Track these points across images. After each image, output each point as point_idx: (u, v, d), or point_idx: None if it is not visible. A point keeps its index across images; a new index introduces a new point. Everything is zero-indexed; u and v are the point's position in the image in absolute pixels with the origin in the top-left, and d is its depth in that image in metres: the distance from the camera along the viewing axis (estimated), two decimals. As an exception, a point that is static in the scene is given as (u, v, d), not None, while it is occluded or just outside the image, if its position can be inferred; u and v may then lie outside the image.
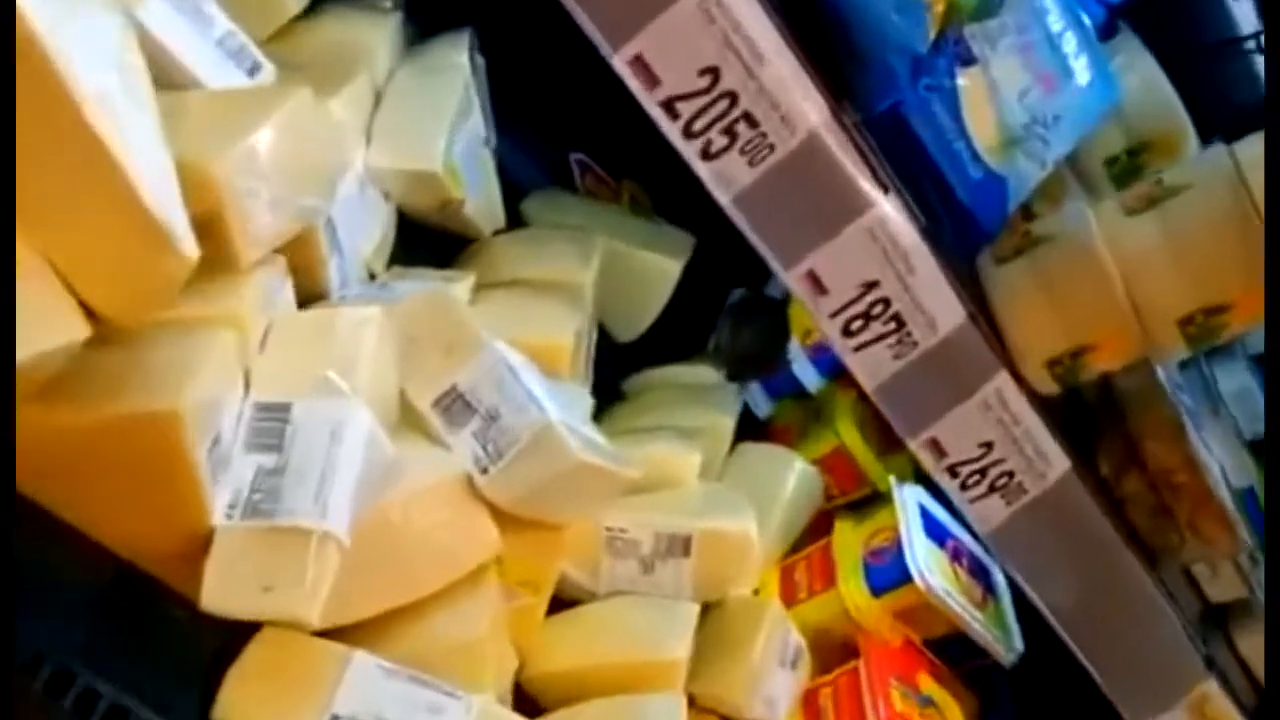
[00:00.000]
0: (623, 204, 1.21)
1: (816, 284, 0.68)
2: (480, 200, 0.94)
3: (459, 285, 0.85)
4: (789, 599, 0.99)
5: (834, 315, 0.69)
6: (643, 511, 0.89)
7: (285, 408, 0.63)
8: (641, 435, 0.97)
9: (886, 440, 1.19)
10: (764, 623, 0.88)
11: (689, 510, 0.91)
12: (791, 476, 1.03)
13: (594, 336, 1.03)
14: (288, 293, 0.69)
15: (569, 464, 0.69)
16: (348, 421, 0.63)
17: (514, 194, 1.08)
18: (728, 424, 1.02)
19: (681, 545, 0.88)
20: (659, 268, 1.08)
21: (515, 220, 1.05)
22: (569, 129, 1.19)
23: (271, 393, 0.64)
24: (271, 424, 0.63)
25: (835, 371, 1.19)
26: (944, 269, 0.71)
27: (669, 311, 1.14)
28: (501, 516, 0.71)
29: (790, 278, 0.68)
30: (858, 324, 0.70)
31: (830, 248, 0.67)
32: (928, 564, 0.94)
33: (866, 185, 0.67)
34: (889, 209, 0.68)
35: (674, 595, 0.88)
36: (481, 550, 0.69)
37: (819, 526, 1.09)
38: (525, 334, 0.83)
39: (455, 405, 0.70)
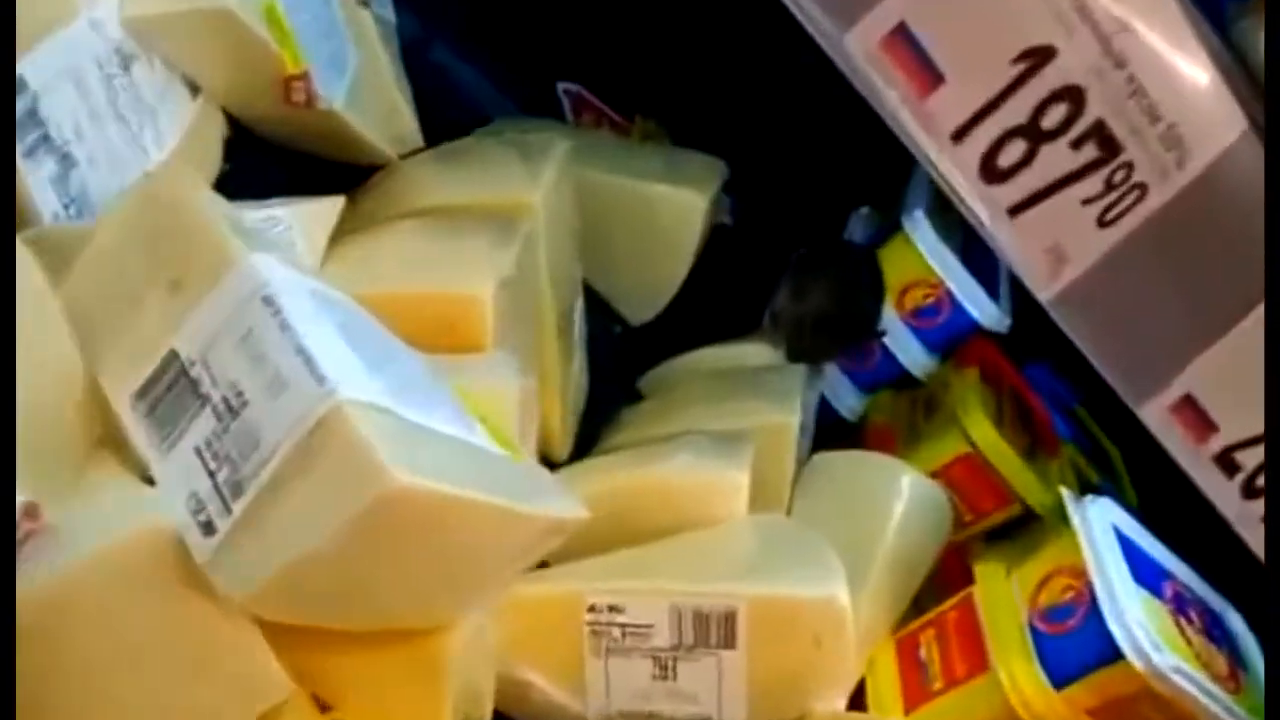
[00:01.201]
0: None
1: (913, 58, 0.29)
2: (362, 97, 0.56)
3: (310, 206, 0.48)
4: (914, 696, 0.59)
5: (960, 135, 0.30)
6: (651, 573, 0.51)
7: None
8: (653, 448, 0.58)
9: (1030, 437, 0.79)
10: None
11: (732, 565, 0.51)
12: (900, 496, 0.62)
13: (579, 307, 0.65)
14: None
15: (379, 492, 0.29)
16: None
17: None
18: (789, 424, 0.62)
19: (721, 628, 0.49)
20: (677, 205, 0.70)
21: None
22: (556, 52, 0.82)
23: None
24: None
25: (949, 345, 0.79)
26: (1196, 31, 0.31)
27: (703, 281, 0.76)
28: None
29: (853, 42, 0.29)
30: (1016, 152, 0.30)
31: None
32: (1146, 629, 0.53)
33: None
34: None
35: (714, 718, 0.49)
36: (242, 698, 0.31)
37: (950, 572, 0.69)
38: (409, 283, 0.46)
39: (172, 391, 0.31)
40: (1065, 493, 0.60)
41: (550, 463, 0.61)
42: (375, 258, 0.48)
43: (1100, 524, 0.58)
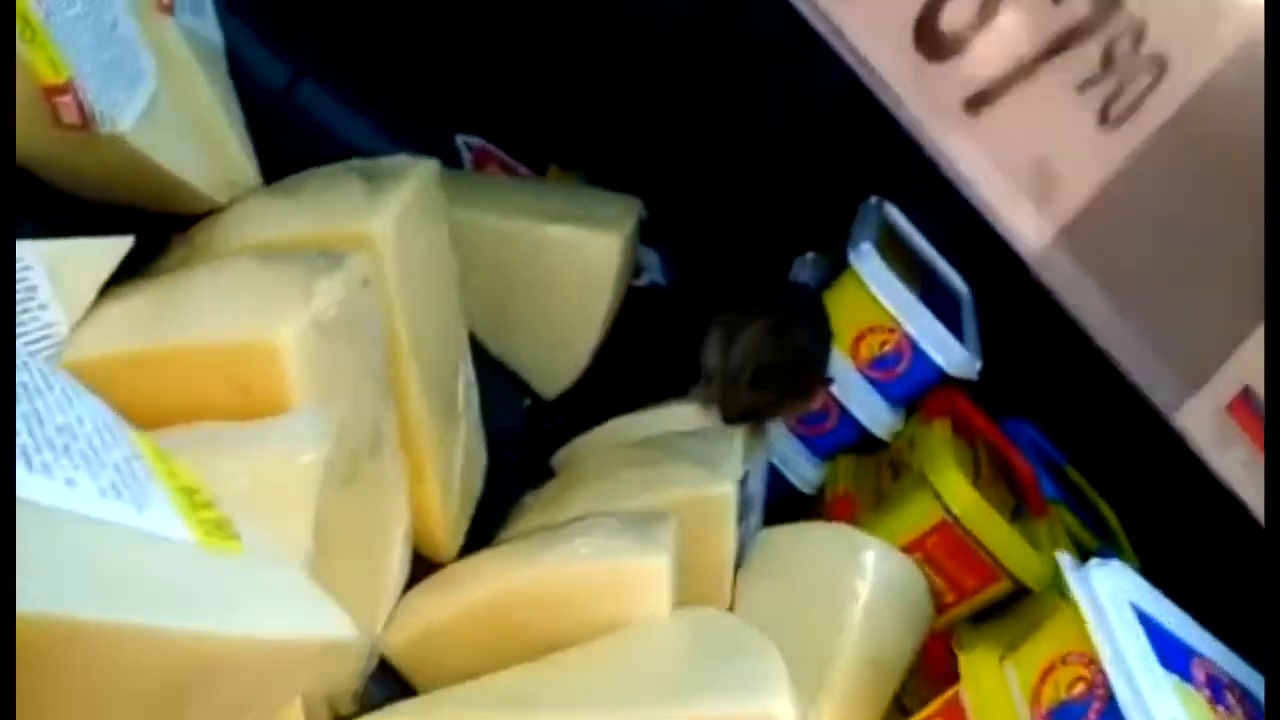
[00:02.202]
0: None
1: None
2: (169, 124, 0.45)
3: (73, 246, 0.36)
4: (897, 830, 0.46)
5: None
6: (542, 699, 0.38)
7: None
8: (549, 535, 0.46)
9: (1014, 499, 0.66)
10: None
11: (646, 681, 0.39)
12: (864, 575, 0.50)
13: (465, 372, 0.53)
14: None
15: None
16: None
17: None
18: (724, 494, 0.49)
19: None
20: (585, 249, 0.58)
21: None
22: (452, 99, 0.71)
23: None
24: None
25: (912, 397, 0.68)
26: None
27: (631, 347, 0.64)
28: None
29: None
30: (965, 9, 0.19)
31: None
32: (1183, 725, 0.41)
33: None
34: None
35: None
36: None
37: (934, 663, 0.56)
38: (193, 333, 0.34)
39: None
40: (1063, 558, 0.48)
41: (434, 563, 0.49)
42: (161, 307, 0.36)
43: (1112, 597, 0.45)
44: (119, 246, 0.39)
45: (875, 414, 0.66)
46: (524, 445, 0.59)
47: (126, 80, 0.42)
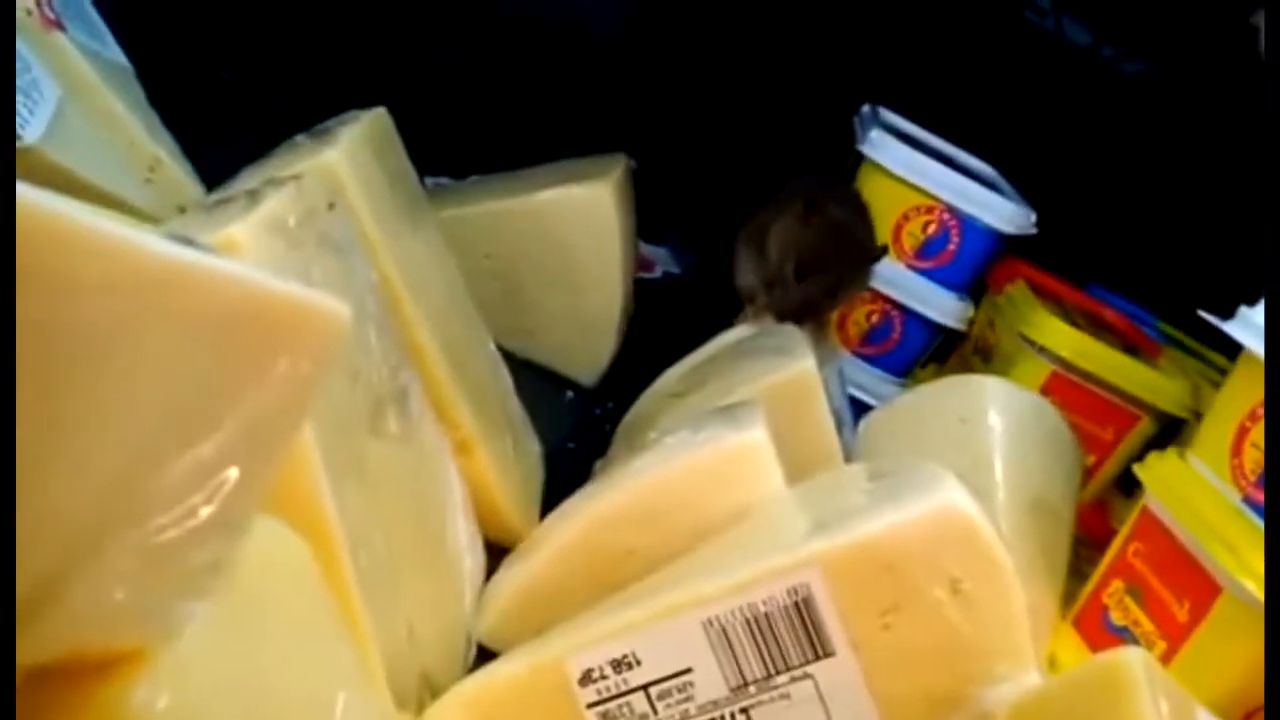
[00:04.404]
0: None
1: None
2: (84, 140, 0.39)
3: None
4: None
5: None
6: (659, 591, 0.31)
7: None
8: (633, 457, 0.39)
9: (1121, 343, 0.58)
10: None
11: (787, 532, 0.31)
12: (991, 415, 0.42)
13: (491, 351, 0.46)
14: None
15: None
16: None
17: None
18: (806, 368, 0.42)
19: (797, 624, 0.28)
20: (578, 203, 0.52)
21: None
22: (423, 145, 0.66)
23: None
24: None
25: (974, 276, 0.60)
26: None
27: (655, 335, 0.57)
28: None
29: None
30: None
31: None
32: None
33: None
34: None
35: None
36: None
37: (1098, 537, 0.48)
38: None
39: None
40: (1206, 315, 0.40)
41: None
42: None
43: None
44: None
45: (941, 305, 0.58)
46: (580, 433, 0.53)
47: (19, 91, 0.37)
